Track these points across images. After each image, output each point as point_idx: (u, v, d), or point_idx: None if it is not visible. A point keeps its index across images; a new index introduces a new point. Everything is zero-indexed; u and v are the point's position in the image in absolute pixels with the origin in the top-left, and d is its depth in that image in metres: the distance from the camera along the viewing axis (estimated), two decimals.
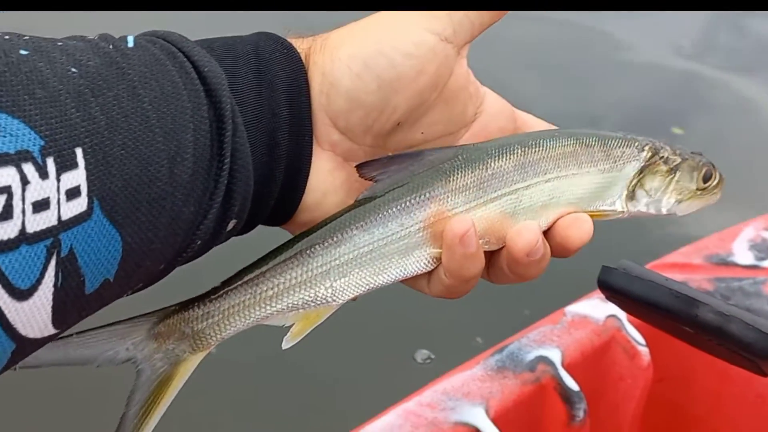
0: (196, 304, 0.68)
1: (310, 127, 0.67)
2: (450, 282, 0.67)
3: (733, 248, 1.75)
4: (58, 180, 0.49)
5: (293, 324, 0.68)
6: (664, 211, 0.75)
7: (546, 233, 0.69)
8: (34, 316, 0.50)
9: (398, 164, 0.68)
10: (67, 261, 0.50)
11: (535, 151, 0.70)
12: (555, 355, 1.48)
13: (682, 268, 1.70)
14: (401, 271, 0.68)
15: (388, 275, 0.68)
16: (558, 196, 0.70)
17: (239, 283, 0.68)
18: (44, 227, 0.49)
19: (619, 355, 1.54)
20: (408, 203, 0.67)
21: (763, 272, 1.67)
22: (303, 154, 0.67)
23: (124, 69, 0.55)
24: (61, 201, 0.49)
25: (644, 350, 1.54)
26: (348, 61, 0.65)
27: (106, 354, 0.66)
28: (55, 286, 0.50)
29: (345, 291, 0.68)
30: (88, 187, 0.50)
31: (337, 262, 0.67)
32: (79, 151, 0.50)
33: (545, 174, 0.70)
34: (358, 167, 0.68)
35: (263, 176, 0.65)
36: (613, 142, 0.73)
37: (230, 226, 0.63)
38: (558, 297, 1.69)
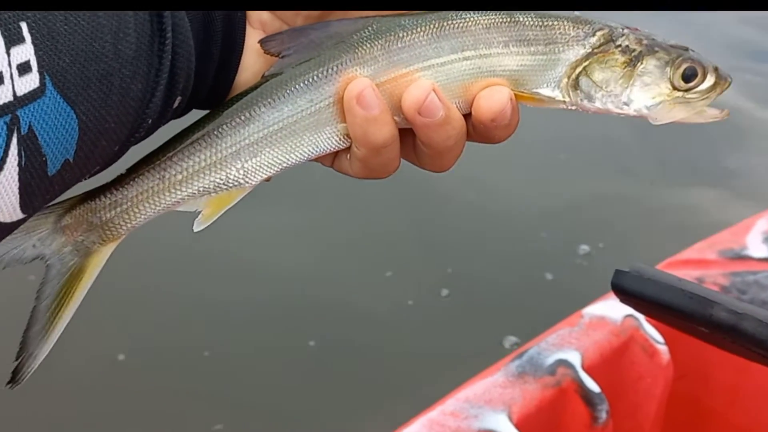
0: (102, 193, 0.65)
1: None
2: (362, 153, 0.65)
3: (747, 242, 1.76)
4: (8, 54, 0.48)
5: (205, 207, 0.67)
6: (630, 111, 0.67)
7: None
8: (2, 197, 0.50)
9: (305, 37, 0.65)
10: (28, 139, 0.50)
11: (453, 25, 0.65)
12: (574, 358, 1.49)
13: (696, 264, 1.71)
14: (314, 148, 0.66)
15: (301, 153, 0.66)
16: (479, 75, 0.65)
17: (147, 168, 0.65)
18: (1, 103, 0.48)
19: (639, 355, 1.55)
20: (315, 78, 0.65)
21: None
22: (236, 32, 0.66)
23: None
24: (14, 76, 0.49)
25: (663, 348, 1.55)
26: None
27: (12, 253, 0.63)
28: (19, 165, 0.50)
29: (257, 171, 0.66)
30: (38, 62, 0.50)
31: (247, 141, 0.65)
32: (24, 26, 0.49)
33: (463, 50, 0.65)
34: (262, 42, 0.66)
35: (201, 53, 0.63)
36: (554, 22, 0.66)
37: (176, 103, 0.62)
38: None
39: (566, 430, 1.45)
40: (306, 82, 0.64)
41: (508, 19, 0.65)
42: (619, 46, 0.66)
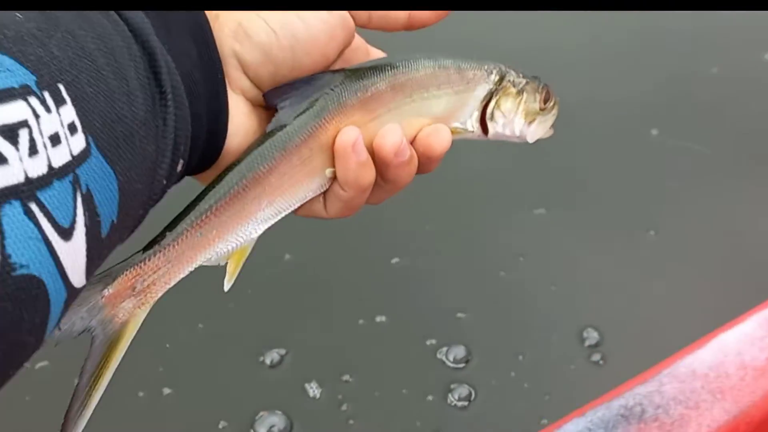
0: (146, 258, 0.67)
1: (220, 66, 0.68)
2: (348, 194, 0.71)
3: None
4: (59, 114, 0.47)
5: (227, 264, 0.71)
6: (517, 132, 0.79)
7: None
8: (76, 259, 0.48)
9: (297, 89, 0.72)
10: (87, 199, 0.49)
11: (403, 74, 0.75)
12: None
13: None
14: (304, 195, 0.72)
15: (296, 201, 0.72)
16: (422, 114, 0.76)
17: (185, 228, 0.68)
18: (64, 162, 0.47)
19: None
20: (311, 129, 0.71)
21: None
22: (220, 93, 0.68)
23: (56, 15, 0.54)
24: (67, 135, 0.48)
25: None
26: (266, 17, 0.68)
27: (64, 328, 0.62)
28: (85, 225, 0.49)
29: (265, 223, 0.71)
30: (80, 123, 0.49)
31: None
32: (62, 87, 0.49)
33: (411, 95, 0.75)
34: (266, 95, 0.71)
35: (192, 115, 0.64)
36: (466, 65, 0.77)
37: (179, 167, 0.62)
38: None
39: None
40: (305, 134, 0.71)
41: (437, 66, 0.76)
42: (510, 80, 0.79)
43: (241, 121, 0.70)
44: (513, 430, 1.86)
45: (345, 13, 0.71)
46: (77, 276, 0.49)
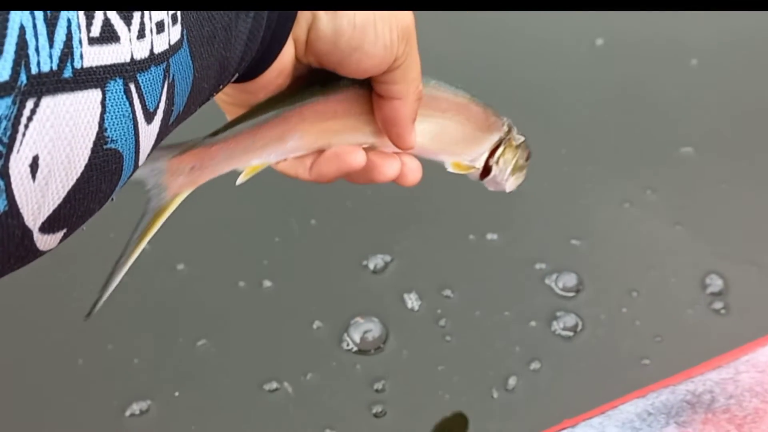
0: (211, 143, 0.70)
1: (295, 13, 0.69)
2: (310, 176, 0.80)
3: None
4: None
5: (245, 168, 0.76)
6: (504, 180, 0.89)
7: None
8: (149, 142, 0.51)
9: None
10: (171, 87, 0.51)
11: (443, 90, 0.82)
12: None
13: None
14: (320, 145, 0.78)
15: (313, 147, 0.78)
16: (443, 133, 0.83)
17: (245, 129, 0.72)
18: (162, 50, 0.49)
19: None
20: (351, 95, 0.77)
21: None
22: (287, 27, 0.69)
23: None
24: (169, 25, 0.49)
25: None
26: (355, 14, 0.69)
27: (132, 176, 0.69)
28: (164, 111, 0.51)
29: (286, 154, 0.77)
30: (181, 14, 0.51)
31: (306, 123, 0.76)
32: None
33: (445, 112, 0.81)
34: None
35: (262, 37, 0.66)
36: (490, 110, 0.85)
37: (233, 78, 0.65)
38: None
39: None
40: (349, 95, 0.77)
41: (471, 100, 0.84)
42: (513, 135, 0.89)
43: (285, 59, 0.72)
44: (615, 366, 1.80)
45: (397, 48, 0.73)
46: (144, 157, 0.52)
